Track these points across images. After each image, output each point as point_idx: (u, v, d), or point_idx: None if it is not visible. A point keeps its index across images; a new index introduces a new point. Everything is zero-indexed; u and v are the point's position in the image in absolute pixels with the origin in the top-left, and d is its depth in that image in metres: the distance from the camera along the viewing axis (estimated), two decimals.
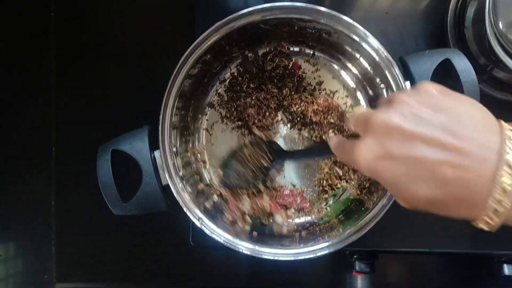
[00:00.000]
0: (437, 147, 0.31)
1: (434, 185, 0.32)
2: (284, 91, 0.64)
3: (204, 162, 0.65)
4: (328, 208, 0.63)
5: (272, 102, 0.64)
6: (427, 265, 0.70)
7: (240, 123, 0.64)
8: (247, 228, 0.59)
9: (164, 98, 0.54)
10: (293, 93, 0.64)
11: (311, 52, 0.65)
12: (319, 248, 0.53)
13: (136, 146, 0.54)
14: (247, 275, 0.73)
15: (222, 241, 0.53)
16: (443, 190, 0.32)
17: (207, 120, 0.65)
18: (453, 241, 0.64)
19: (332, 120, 0.61)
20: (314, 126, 0.63)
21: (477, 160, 0.30)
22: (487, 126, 0.32)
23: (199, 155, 0.65)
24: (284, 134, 0.65)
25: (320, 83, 0.65)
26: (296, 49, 0.65)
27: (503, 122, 0.33)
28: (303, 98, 0.63)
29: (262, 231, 0.61)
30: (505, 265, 0.63)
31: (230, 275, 0.73)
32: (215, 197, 0.61)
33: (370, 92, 0.63)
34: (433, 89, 0.35)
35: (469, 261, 0.70)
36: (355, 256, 0.65)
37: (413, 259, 0.71)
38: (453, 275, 0.70)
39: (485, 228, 0.33)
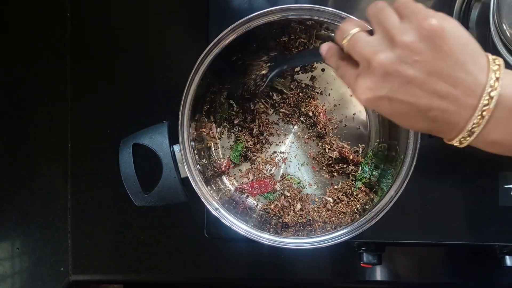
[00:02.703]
0: (429, 93, 0.36)
1: (425, 122, 0.38)
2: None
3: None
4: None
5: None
6: (432, 256, 0.73)
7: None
8: None
9: (183, 95, 0.57)
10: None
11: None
12: (336, 236, 0.56)
13: (156, 140, 0.56)
14: (259, 266, 0.75)
15: (242, 232, 0.55)
16: (432, 125, 0.38)
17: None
18: (457, 233, 0.66)
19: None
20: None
21: (462, 105, 0.36)
22: (476, 65, 0.36)
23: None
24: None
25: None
26: None
27: (489, 56, 0.38)
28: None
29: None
30: (507, 257, 0.66)
31: (243, 266, 0.75)
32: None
33: None
34: (435, 26, 0.36)
35: (473, 252, 0.72)
36: (363, 248, 0.67)
37: (419, 251, 0.73)
38: (457, 266, 0.73)
39: (457, 145, 0.39)
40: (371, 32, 0.40)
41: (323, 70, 0.67)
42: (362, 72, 0.39)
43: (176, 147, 0.57)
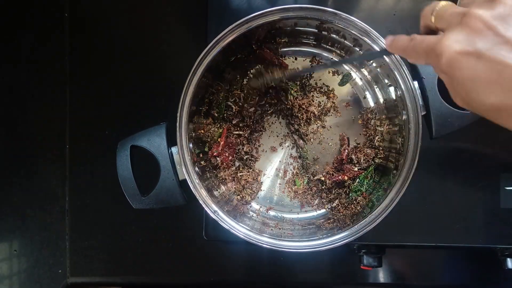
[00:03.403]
0: None
1: (505, 94, 0.33)
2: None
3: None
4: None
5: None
6: (433, 259, 0.72)
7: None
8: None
9: (182, 97, 0.56)
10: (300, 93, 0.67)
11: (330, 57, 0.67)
12: (336, 239, 0.55)
13: (154, 142, 0.56)
14: (259, 268, 0.74)
15: (241, 235, 0.55)
16: (506, 96, 0.33)
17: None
18: (458, 236, 0.66)
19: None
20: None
21: None
22: None
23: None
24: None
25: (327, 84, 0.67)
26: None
27: None
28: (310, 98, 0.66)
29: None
30: (508, 259, 0.65)
31: (242, 269, 0.75)
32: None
33: (378, 92, 0.66)
34: None
35: (474, 255, 0.72)
36: (363, 251, 0.67)
37: (419, 253, 0.73)
38: (458, 269, 0.72)
39: None
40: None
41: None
42: (451, 28, 0.35)
43: (174, 149, 0.57)
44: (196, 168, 0.58)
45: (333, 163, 0.66)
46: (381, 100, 0.66)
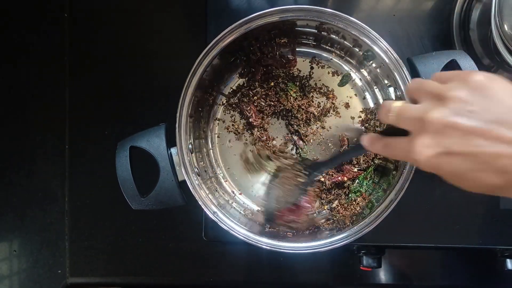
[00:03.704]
0: (493, 140, 0.34)
1: (494, 175, 0.35)
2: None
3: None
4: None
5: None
6: (432, 259, 0.72)
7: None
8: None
9: (181, 97, 0.56)
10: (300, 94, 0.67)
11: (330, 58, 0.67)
12: (336, 240, 0.55)
13: (153, 143, 0.56)
14: (258, 269, 0.74)
15: (240, 236, 0.55)
16: (502, 178, 0.35)
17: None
18: (458, 237, 0.66)
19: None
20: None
21: None
22: None
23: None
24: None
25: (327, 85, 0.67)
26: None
27: None
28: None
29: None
30: (508, 260, 0.65)
31: (242, 269, 0.75)
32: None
33: (378, 92, 0.66)
34: (480, 79, 0.36)
35: (473, 256, 0.72)
36: (363, 251, 0.67)
37: (419, 254, 0.73)
38: (457, 270, 0.72)
39: None
40: (414, 103, 0.40)
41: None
42: (416, 134, 0.37)
43: (173, 150, 0.57)
44: (196, 169, 0.58)
45: None
46: (381, 101, 0.65)
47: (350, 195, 0.64)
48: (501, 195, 0.37)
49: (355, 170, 0.64)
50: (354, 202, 0.63)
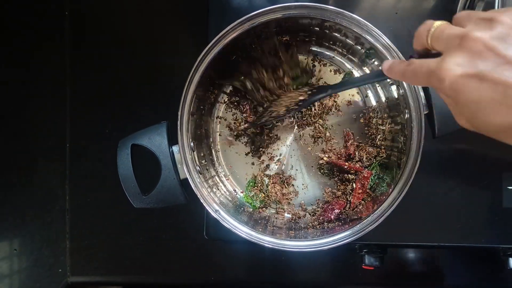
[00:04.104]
0: None
1: None
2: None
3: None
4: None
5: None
6: (435, 258, 0.72)
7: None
8: None
9: (183, 95, 0.56)
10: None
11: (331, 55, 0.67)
12: (338, 238, 0.54)
13: (155, 141, 0.56)
14: (260, 268, 0.74)
15: (243, 235, 0.54)
16: None
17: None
18: (460, 236, 0.66)
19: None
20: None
21: None
22: None
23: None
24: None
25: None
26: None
27: None
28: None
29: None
30: (510, 259, 0.65)
31: (243, 268, 0.74)
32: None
33: (380, 90, 0.65)
34: None
35: (476, 254, 0.71)
36: (364, 250, 0.67)
37: (421, 253, 0.72)
38: (460, 269, 0.72)
39: None
40: None
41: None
42: (450, 51, 0.35)
43: (175, 148, 0.56)
44: (198, 167, 0.57)
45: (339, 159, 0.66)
46: (383, 99, 0.65)
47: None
48: (503, 140, 0.35)
49: (358, 166, 0.64)
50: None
